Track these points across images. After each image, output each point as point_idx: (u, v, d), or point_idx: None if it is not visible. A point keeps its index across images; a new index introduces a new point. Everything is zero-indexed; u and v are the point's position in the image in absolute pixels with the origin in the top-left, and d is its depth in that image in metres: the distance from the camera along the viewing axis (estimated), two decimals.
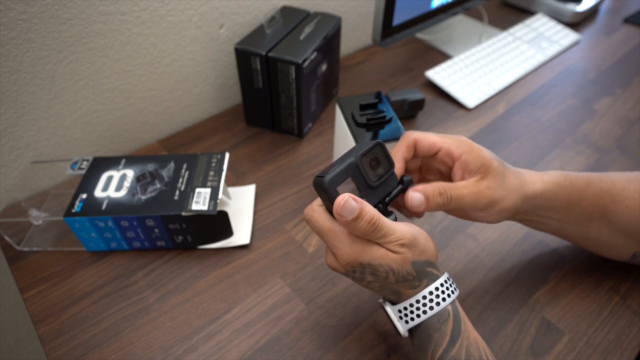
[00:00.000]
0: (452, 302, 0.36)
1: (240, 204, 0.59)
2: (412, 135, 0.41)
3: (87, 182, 0.53)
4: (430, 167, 0.44)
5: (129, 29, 0.59)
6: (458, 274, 0.52)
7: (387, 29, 0.72)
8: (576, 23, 0.99)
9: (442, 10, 0.81)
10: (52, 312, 0.48)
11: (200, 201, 0.50)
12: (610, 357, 0.44)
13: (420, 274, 0.36)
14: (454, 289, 0.37)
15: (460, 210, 0.41)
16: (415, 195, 0.39)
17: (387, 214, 0.39)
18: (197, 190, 0.51)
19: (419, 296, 0.36)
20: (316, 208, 0.37)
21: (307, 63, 0.62)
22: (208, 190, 0.51)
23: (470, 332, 0.36)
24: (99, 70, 0.60)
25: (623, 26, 0.98)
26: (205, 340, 0.46)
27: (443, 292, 0.36)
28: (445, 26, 0.97)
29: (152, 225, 0.50)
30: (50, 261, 0.53)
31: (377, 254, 0.36)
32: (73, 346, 0.46)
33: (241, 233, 0.55)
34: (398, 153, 0.41)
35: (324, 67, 0.68)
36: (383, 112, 0.53)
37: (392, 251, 0.36)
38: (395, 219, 0.38)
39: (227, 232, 0.53)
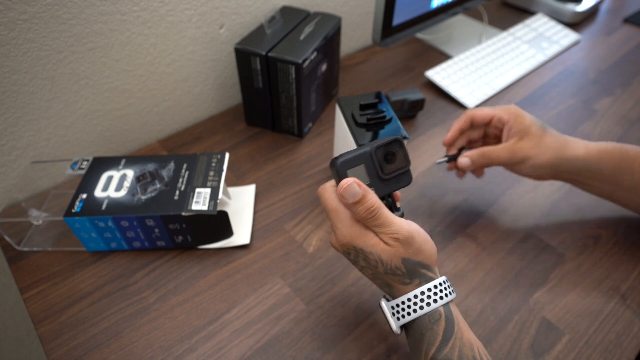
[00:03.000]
0: (446, 305, 0.37)
1: (240, 204, 0.59)
2: (469, 112, 0.53)
3: (87, 182, 0.53)
4: (488, 134, 0.55)
5: (129, 29, 0.59)
6: (458, 274, 0.52)
7: (387, 29, 0.72)
8: (576, 23, 0.99)
9: (442, 10, 0.81)
10: (52, 312, 0.48)
11: (200, 201, 0.50)
12: (610, 357, 0.44)
13: (410, 272, 0.37)
14: (449, 292, 0.37)
15: (503, 165, 0.52)
16: (463, 159, 0.52)
17: (394, 208, 0.40)
18: (197, 190, 0.51)
19: (411, 295, 0.37)
20: (328, 187, 0.40)
21: (307, 63, 0.62)
22: (208, 190, 0.51)
23: (464, 333, 0.36)
24: (99, 70, 0.60)
25: (623, 26, 0.98)
26: (205, 340, 0.46)
27: (435, 293, 0.37)
28: (445, 26, 0.97)
29: (152, 225, 0.50)
30: (50, 261, 0.53)
31: (370, 242, 0.37)
32: (73, 346, 0.46)
33: (241, 233, 0.55)
34: (456, 124, 0.53)
35: (324, 67, 0.68)
36: (383, 112, 0.53)
37: (384, 242, 0.37)
38: (402, 215, 0.40)
39: (227, 232, 0.53)
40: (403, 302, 0.38)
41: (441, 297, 0.37)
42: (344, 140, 0.56)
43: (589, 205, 0.59)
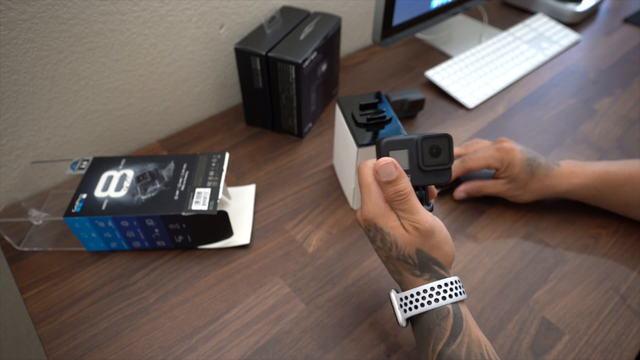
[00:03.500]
0: (455, 303, 0.37)
1: (240, 204, 0.59)
2: (466, 164, 0.57)
3: (87, 182, 0.53)
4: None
5: (129, 29, 0.59)
6: (458, 273, 0.52)
7: (387, 29, 0.72)
8: (576, 23, 0.99)
9: (442, 10, 0.81)
10: (52, 312, 0.48)
11: (200, 201, 0.50)
12: (610, 357, 0.44)
13: (422, 265, 0.38)
14: (460, 292, 0.38)
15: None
16: (459, 194, 0.59)
17: (424, 201, 0.41)
18: (197, 190, 0.51)
19: (420, 289, 0.38)
20: (368, 163, 0.41)
21: (307, 63, 0.62)
22: (208, 190, 0.51)
23: (473, 331, 0.36)
24: (99, 70, 0.60)
25: (623, 26, 0.98)
26: (205, 340, 0.46)
27: (445, 291, 0.37)
28: (445, 26, 0.97)
29: (152, 225, 0.50)
30: (50, 261, 0.53)
31: (390, 224, 0.38)
32: (73, 346, 0.46)
33: (241, 233, 0.55)
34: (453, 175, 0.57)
35: (324, 67, 0.69)
36: (383, 112, 0.53)
37: (404, 228, 0.38)
38: (431, 210, 0.41)
39: (227, 232, 0.53)
40: (412, 295, 0.38)
41: (450, 296, 0.37)
42: (344, 140, 0.56)
43: (589, 205, 0.59)
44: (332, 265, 0.53)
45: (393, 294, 0.41)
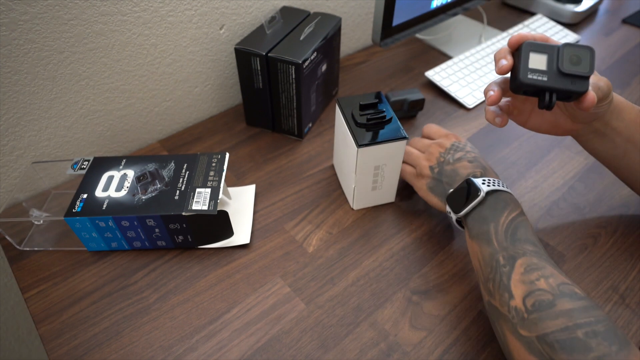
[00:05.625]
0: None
1: (240, 204, 0.59)
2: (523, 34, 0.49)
3: (87, 182, 0.53)
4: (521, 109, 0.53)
5: (129, 29, 0.59)
6: (458, 273, 0.52)
7: (387, 29, 0.72)
8: (575, 24, 0.99)
9: (442, 10, 0.81)
10: (53, 311, 0.49)
11: (200, 201, 0.50)
12: None
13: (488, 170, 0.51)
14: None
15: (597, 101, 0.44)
16: (593, 94, 0.41)
17: (549, 104, 0.41)
18: (198, 190, 0.51)
19: (500, 179, 0.50)
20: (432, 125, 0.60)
21: (307, 63, 0.62)
22: (208, 190, 0.51)
23: None
24: (100, 71, 0.60)
25: (622, 27, 0.98)
26: (206, 339, 0.46)
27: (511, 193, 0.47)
28: (445, 26, 0.97)
29: (153, 225, 0.50)
30: (51, 261, 0.53)
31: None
32: (74, 346, 0.46)
33: (241, 233, 0.55)
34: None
35: (324, 67, 0.69)
36: (383, 112, 0.53)
37: None
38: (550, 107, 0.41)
39: (227, 232, 0.53)
40: (494, 180, 0.47)
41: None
42: (344, 140, 0.56)
43: (589, 205, 0.59)
44: (332, 265, 0.53)
45: (473, 178, 0.48)
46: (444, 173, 0.53)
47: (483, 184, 0.47)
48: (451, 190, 0.51)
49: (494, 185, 0.47)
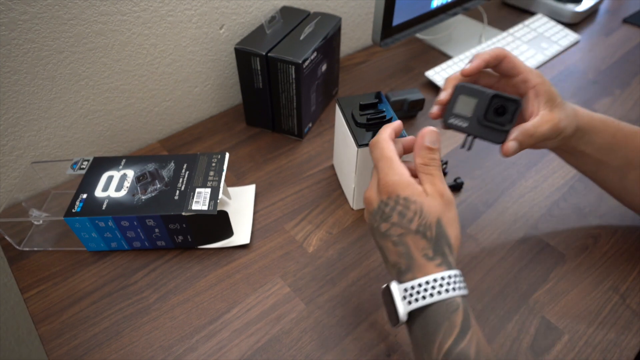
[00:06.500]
0: (464, 297, 0.35)
1: (240, 204, 0.59)
2: (504, 51, 0.45)
3: (87, 182, 0.53)
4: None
5: (129, 29, 0.59)
6: None
7: (387, 29, 0.72)
8: (576, 23, 0.99)
9: (442, 10, 0.81)
10: (52, 311, 0.49)
11: (200, 201, 0.50)
12: (609, 357, 0.45)
13: (436, 243, 0.36)
14: (465, 286, 0.36)
15: (537, 143, 0.45)
16: (512, 144, 0.42)
17: (468, 147, 0.44)
18: (197, 190, 0.51)
19: (430, 277, 0.35)
20: (386, 137, 0.42)
21: (307, 63, 0.62)
22: (208, 190, 0.51)
23: (478, 331, 0.35)
24: (100, 71, 0.60)
25: (622, 26, 0.98)
26: (206, 339, 0.46)
27: (456, 282, 0.35)
28: (445, 26, 0.97)
29: (153, 225, 0.50)
30: (50, 261, 0.53)
31: (416, 191, 0.38)
32: (74, 346, 0.46)
33: (241, 233, 0.55)
34: (484, 55, 0.45)
35: (324, 67, 0.69)
36: (383, 112, 0.53)
37: (428, 194, 0.38)
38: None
39: (227, 232, 0.53)
40: (420, 285, 0.35)
41: (460, 288, 0.35)
42: (343, 140, 0.56)
43: (589, 205, 0.59)
44: (332, 265, 0.53)
45: (395, 284, 0.37)
46: (375, 239, 0.41)
47: (404, 299, 0.36)
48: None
49: (417, 296, 0.35)
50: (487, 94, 0.42)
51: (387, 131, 0.43)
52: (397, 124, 0.45)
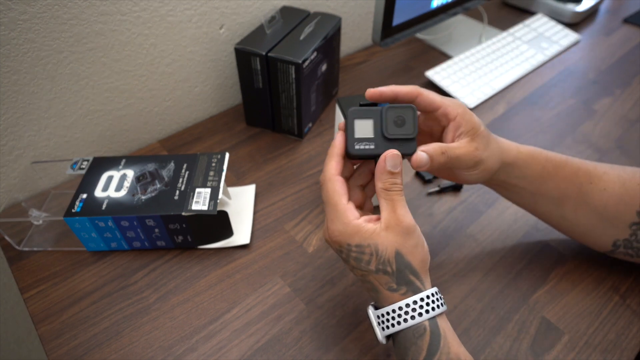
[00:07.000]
0: (432, 319, 0.36)
1: (240, 204, 0.59)
2: (418, 89, 0.43)
3: (87, 182, 0.53)
4: (430, 126, 0.45)
5: (129, 29, 0.59)
6: (458, 274, 0.52)
7: (387, 29, 0.72)
8: (576, 23, 0.99)
9: (442, 10, 0.81)
10: (52, 311, 0.48)
11: (200, 201, 0.50)
12: (609, 357, 0.45)
13: (399, 274, 0.36)
14: (439, 305, 0.36)
15: (451, 170, 0.44)
16: (422, 154, 0.40)
17: None
18: (197, 190, 0.51)
19: (396, 306, 0.36)
20: (331, 176, 0.39)
21: (307, 63, 0.62)
22: (208, 190, 0.51)
23: (452, 348, 0.35)
24: (99, 71, 0.60)
25: (622, 26, 0.98)
26: (206, 340, 0.46)
27: (422, 307, 0.36)
28: (445, 26, 0.97)
29: (152, 225, 0.50)
30: (50, 261, 0.53)
31: (367, 234, 0.37)
32: (73, 346, 0.46)
33: (241, 233, 0.55)
34: (397, 87, 0.43)
35: (324, 67, 0.69)
36: None
37: (385, 226, 0.36)
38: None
39: (227, 232, 0.53)
40: (388, 313, 0.37)
41: (427, 311, 0.35)
42: None
43: None
44: (332, 265, 0.53)
45: (371, 310, 0.39)
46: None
47: (379, 325, 0.38)
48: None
49: (387, 323, 0.37)
50: (378, 110, 0.40)
51: (332, 165, 0.40)
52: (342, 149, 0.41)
